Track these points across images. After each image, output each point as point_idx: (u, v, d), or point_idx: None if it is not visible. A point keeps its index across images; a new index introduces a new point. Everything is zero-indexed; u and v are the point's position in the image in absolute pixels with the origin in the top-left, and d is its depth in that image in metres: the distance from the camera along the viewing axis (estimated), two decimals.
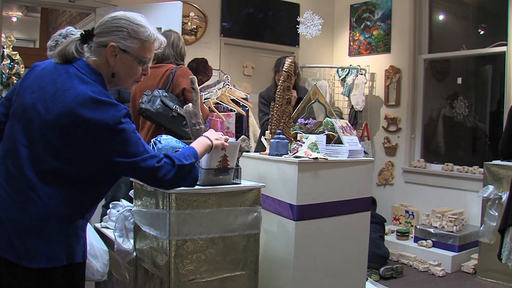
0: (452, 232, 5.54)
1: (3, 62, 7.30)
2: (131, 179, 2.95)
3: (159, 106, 3.68)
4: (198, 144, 2.37)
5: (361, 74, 7.00)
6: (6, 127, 2.13)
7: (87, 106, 1.95)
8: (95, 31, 2.12)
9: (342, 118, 4.82)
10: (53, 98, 1.99)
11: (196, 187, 2.56)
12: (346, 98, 7.12)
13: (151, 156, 2.07)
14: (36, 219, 1.97)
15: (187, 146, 2.43)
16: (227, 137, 2.58)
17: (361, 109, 6.89)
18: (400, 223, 6.57)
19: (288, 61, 3.30)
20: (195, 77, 2.93)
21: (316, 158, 2.96)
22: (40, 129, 1.99)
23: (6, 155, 2.05)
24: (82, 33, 2.12)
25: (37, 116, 2.00)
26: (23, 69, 7.90)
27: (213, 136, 2.47)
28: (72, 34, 2.17)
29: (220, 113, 5.33)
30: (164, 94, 3.73)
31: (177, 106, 3.70)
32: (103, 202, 4.62)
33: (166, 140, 2.71)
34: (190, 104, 2.84)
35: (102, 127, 1.96)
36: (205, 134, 2.47)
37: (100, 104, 1.96)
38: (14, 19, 10.69)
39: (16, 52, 7.96)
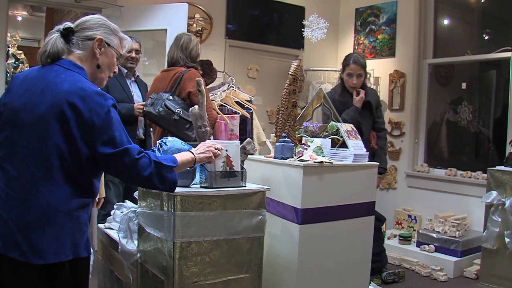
0: (454, 237, 5.52)
1: (8, 61, 7.32)
2: None
3: (161, 109, 3.77)
4: (180, 154, 2.42)
5: None
6: None
7: (77, 95, 2.04)
8: (76, 28, 2.22)
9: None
10: (43, 93, 2.07)
11: (202, 189, 2.58)
12: None
13: (132, 149, 2.12)
14: (40, 214, 2.00)
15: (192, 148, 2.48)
16: (217, 145, 2.61)
17: None
18: (402, 228, 6.57)
19: (294, 64, 3.30)
20: (202, 79, 2.94)
21: (321, 162, 2.96)
22: (35, 125, 2.04)
23: (4, 161, 2.08)
24: (61, 31, 2.20)
25: (30, 113, 2.06)
26: (28, 68, 7.92)
27: (199, 150, 2.51)
28: (66, 26, 2.22)
29: (224, 115, 5.33)
30: (169, 98, 3.82)
31: (180, 110, 3.77)
32: None
33: (172, 142, 2.72)
34: (196, 106, 2.85)
35: (92, 115, 2.04)
36: (191, 149, 2.52)
37: (90, 94, 2.07)
38: (19, 18, 10.70)
39: (21, 52, 8.00)
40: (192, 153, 2.46)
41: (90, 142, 2.06)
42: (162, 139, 2.76)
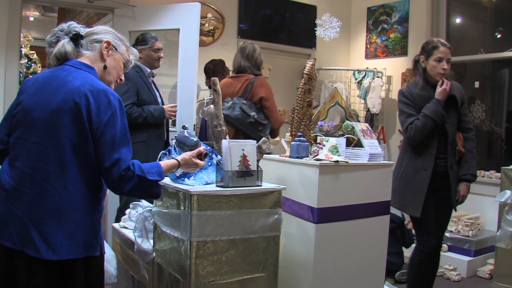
0: (468, 236, 5.50)
1: (21, 61, 7.36)
2: None
3: (238, 113, 4.07)
4: (165, 164, 2.38)
5: (378, 77, 6.99)
6: (11, 139, 2.19)
7: (88, 90, 2.08)
8: (85, 35, 2.30)
9: (358, 121, 4.75)
10: (55, 91, 2.11)
11: (219, 188, 2.58)
12: (362, 101, 7.11)
13: (122, 161, 2.11)
14: (53, 209, 2.04)
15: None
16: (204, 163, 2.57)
17: (377, 112, 6.88)
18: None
19: (309, 63, 3.30)
20: (217, 78, 2.95)
21: (337, 161, 2.95)
22: (48, 121, 2.08)
23: (16, 160, 2.12)
24: (71, 36, 2.27)
25: (42, 111, 2.10)
26: (40, 68, 7.97)
27: (185, 158, 2.48)
28: (75, 31, 2.27)
29: None
30: (243, 102, 4.13)
31: (254, 113, 4.10)
32: (118, 205, 4.63)
33: None
34: (212, 106, 2.86)
35: (99, 111, 2.08)
36: (178, 157, 2.49)
37: (100, 91, 2.11)
38: (31, 19, 10.75)
39: (33, 52, 8.04)
40: (178, 161, 2.44)
41: (93, 139, 2.09)
42: None
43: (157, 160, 2.57)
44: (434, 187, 3.77)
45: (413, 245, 5.37)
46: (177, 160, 2.45)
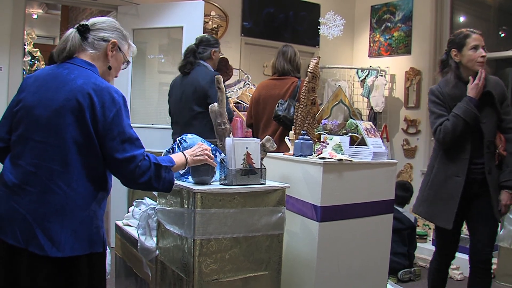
0: None
1: (24, 59, 7.35)
2: None
3: (292, 113, 4.08)
4: (175, 155, 2.43)
5: (381, 75, 6.98)
6: (12, 136, 2.19)
7: (91, 89, 2.09)
8: (91, 27, 2.27)
9: (362, 119, 4.74)
10: (58, 89, 2.11)
11: (222, 186, 2.58)
12: (366, 99, 7.10)
13: (138, 155, 2.14)
14: (57, 207, 2.04)
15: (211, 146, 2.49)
16: (209, 151, 2.57)
17: (380, 111, 6.87)
18: (418, 226, 6.52)
19: (313, 62, 3.29)
20: (221, 76, 2.94)
21: (341, 159, 2.95)
22: (51, 120, 2.07)
23: (19, 158, 2.12)
24: (78, 28, 2.25)
25: (44, 109, 2.09)
26: (44, 66, 7.95)
27: (194, 153, 2.50)
28: (85, 23, 2.28)
29: (240, 113, 5.35)
30: (295, 104, 4.08)
31: None
32: (120, 202, 4.64)
33: (192, 139, 2.73)
34: (216, 104, 2.85)
35: (104, 109, 2.08)
36: (185, 152, 2.50)
37: (103, 88, 2.11)
38: (35, 16, 10.76)
39: (36, 49, 8.04)
40: (185, 156, 2.45)
41: (100, 137, 2.09)
42: (182, 137, 2.78)
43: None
44: (469, 197, 3.45)
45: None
46: (181, 152, 2.48)
